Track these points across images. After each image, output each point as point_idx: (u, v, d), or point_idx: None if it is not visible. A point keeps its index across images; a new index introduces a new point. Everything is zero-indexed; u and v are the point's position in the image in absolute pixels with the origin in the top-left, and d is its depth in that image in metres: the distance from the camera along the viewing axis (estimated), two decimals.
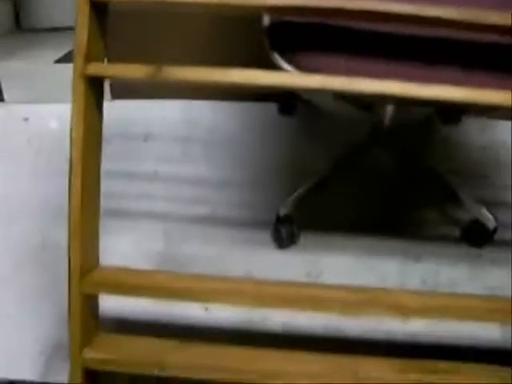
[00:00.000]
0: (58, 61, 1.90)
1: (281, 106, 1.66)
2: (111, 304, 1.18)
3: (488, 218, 1.34)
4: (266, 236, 1.35)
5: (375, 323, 1.17)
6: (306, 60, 0.96)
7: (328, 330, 1.17)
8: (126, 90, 1.66)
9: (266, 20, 1.01)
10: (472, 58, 0.98)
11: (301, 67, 0.97)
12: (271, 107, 1.67)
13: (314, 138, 1.59)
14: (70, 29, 0.97)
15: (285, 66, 0.98)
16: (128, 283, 0.99)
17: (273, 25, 1.00)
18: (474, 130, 1.67)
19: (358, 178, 1.49)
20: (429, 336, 1.15)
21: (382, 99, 1.11)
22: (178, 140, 1.57)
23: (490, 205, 1.42)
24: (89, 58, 0.94)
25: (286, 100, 1.66)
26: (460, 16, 0.90)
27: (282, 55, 0.99)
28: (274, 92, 1.59)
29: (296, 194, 1.34)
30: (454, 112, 1.67)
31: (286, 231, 1.32)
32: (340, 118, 1.53)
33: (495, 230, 1.35)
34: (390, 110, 1.39)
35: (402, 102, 1.08)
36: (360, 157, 1.48)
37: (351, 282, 1.22)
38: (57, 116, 0.97)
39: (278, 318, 1.18)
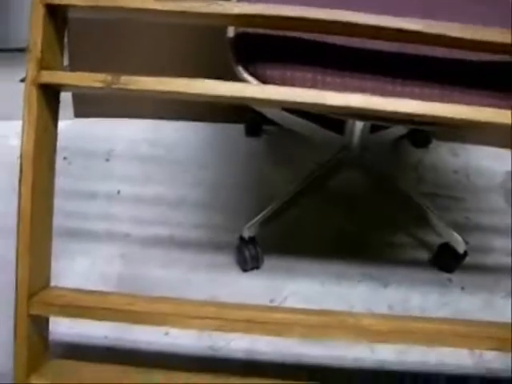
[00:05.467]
0: (23, 80, 1.86)
1: (248, 128, 1.62)
2: (63, 328, 1.12)
3: (458, 242, 1.31)
4: (230, 259, 1.30)
5: (343, 350, 1.13)
6: (271, 73, 0.92)
7: (293, 357, 1.12)
8: (90, 108, 1.62)
9: (231, 32, 0.97)
10: (448, 75, 0.96)
11: (266, 81, 0.93)
12: (238, 128, 1.63)
13: (281, 160, 1.54)
14: None
15: (249, 79, 0.94)
16: (80, 305, 0.93)
17: (237, 37, 0.96)
18: (445, 154, 1.65)
19: (327, 201, 1.45)
20: (398, 363, 1.11)
21: (351, 115, 1.07)
22: (140, 160, 1.51)
23: (462, 228, 1.40)
24: (43, 65, 0.89)
25: (254, 121, 1.62)
26: (426, 29, 0.88)
27: (247, 68, 0.95)
28: (242, 113, 1.59)
29: (261, 215, 1.29)
30: (424, 135, 1.65)
31: (249, 254, 1.26)
32: (309, 139, 1.49)
33: (465, 254, 1.31)
34: (358, 131, 1.37)
35: (369, 118, 1.04)
36: (328, 179, 1.44)
37: (316, 308, 1.18)
38: (18, 133, 0.93)
39: (240, 344, 1.13)
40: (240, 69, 0.95)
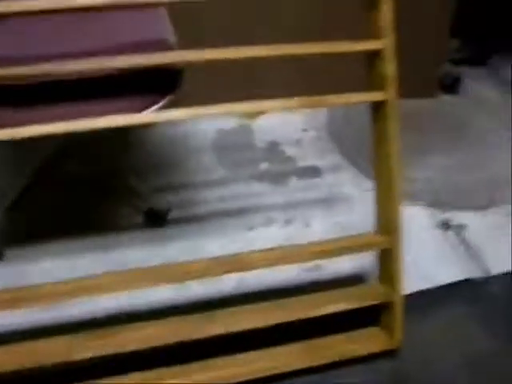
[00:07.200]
0: None
1: None
2: None
3: (163, 202, 1.59)
4: None
5: None
6: None
7: None
8: None
9: None
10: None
11: None
12: None
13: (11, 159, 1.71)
14: None
15: None
16: None
17: None
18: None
19: (51, 189, 1.64)
20: None
21: None
22: None
23: (172, 188, 1.67)
24: None
25: None
26: None
27: None
28: None
29: None
30: None
31: None
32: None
33: (169, 211, 1.59)
34: None
35: None
36: (51, 168, 1.64)
37: None
38: None
39: None
40: None
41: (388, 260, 1.33)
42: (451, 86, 2.24)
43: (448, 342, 1.42)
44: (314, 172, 1.81)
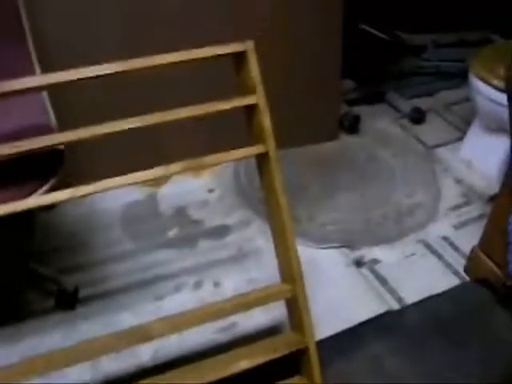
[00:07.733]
0: None
1: None
2: None
3: (68, 283, 1.56)
4: None
5: None
6: None
7: None
8: None
9: None
10: None
11: None
12: None
13: None
14: None
15: None
16: None
17: None
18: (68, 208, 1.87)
19: None
20: None
21: None
22: None
23: (79, 270, 1.66)
24: None
25: None
26: None
27: None
28: None
29: None
30: None
31: None
32: None
33: (77, 291, 1.57)
34: None
35: None
36: None
37: None
38: None
39: None
40: None
41: (295, 307, 1.35)
42: (351, 125, 2.30)
43: (374, 379, 1.44)
44: (222, 231, 1.82)
